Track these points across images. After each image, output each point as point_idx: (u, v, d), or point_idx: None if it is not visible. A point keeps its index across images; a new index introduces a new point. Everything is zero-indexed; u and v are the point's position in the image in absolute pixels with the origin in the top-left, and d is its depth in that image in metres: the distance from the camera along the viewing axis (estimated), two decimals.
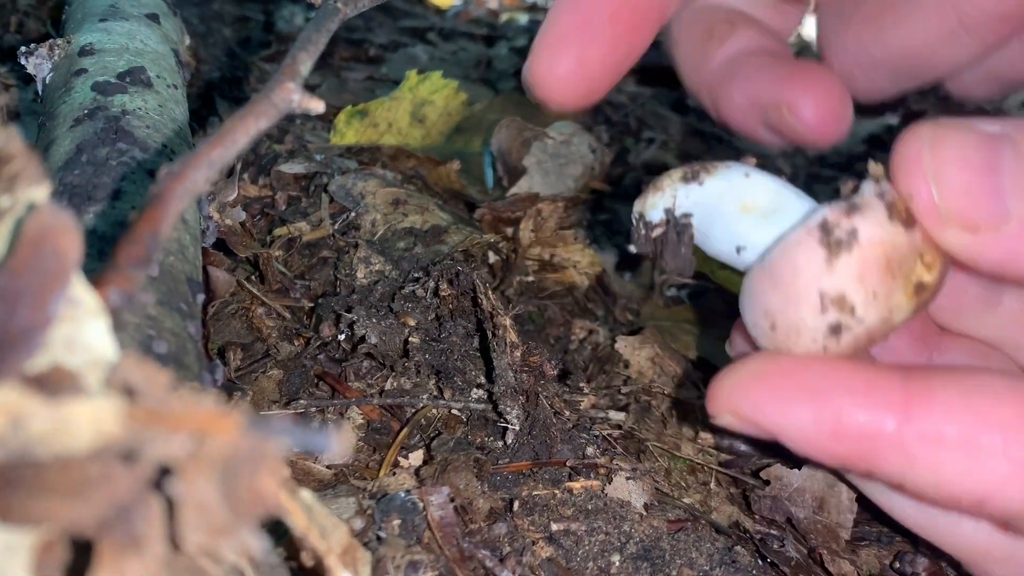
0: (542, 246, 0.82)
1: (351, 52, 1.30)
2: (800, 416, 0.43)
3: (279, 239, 0.73)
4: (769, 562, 0.55)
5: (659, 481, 0.59)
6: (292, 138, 0.91)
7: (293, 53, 0.47)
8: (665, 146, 1.24)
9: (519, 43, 1.55)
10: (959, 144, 0.42)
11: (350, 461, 0.56)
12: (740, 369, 0.46)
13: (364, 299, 0.61)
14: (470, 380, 0.58)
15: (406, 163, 0.88)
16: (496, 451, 0.56)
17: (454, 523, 0.49)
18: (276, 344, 0.64)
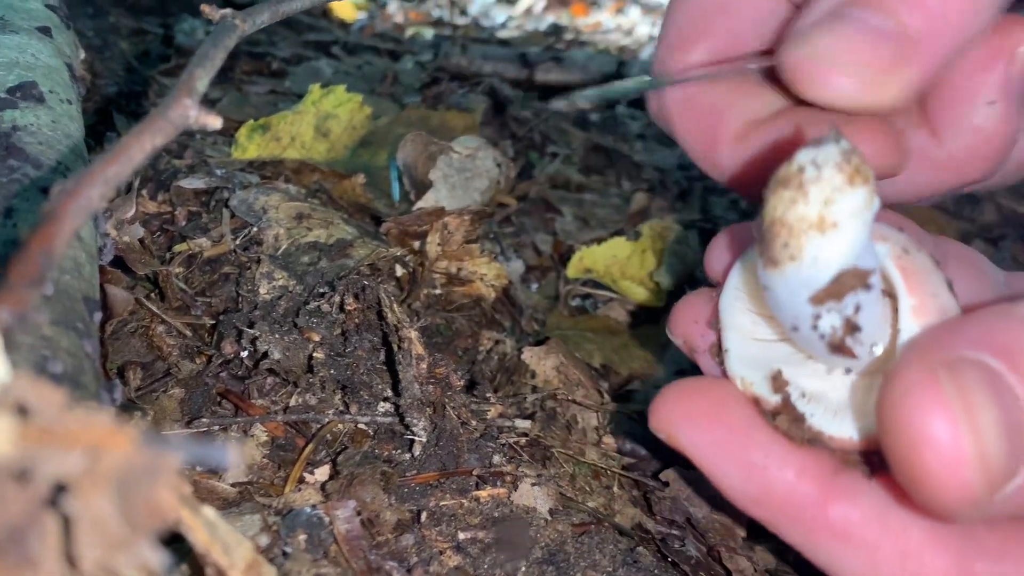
0: (449, 259, 0.83)
1: (253, 66, 1.29)
2: (731, 474, 0.46)
3: (179, 256, 0.72)
4: (670, 561, 0.57)
5: (564, 486, 0.61)
6: (192, 153, 0.90)
7: (190, 69, 0.47)
8: (568, 160, 1.27)
9: (424, 57, 1.56)
10: (988, 404, 0.37)
11: (255, 478, 0.55)
12: (690, 395, 0.48)
13: (267, 315, 0.60)
14: (376, 394, 0.58)
15: (310, 177, 0.88)
16: (403, 463, 0.56)
17: (361, 536, 0.49)
18: (177, 362, 0.63)
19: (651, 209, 1.15)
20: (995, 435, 0.37)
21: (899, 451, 0.38)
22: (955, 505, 0.38)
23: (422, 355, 0.56)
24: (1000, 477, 0.38)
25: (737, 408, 0.47)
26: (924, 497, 0.39)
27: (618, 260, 0.97)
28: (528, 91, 1.49)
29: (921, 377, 0.38)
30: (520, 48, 1.73)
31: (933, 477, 0.37)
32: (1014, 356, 0.38)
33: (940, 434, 0.37)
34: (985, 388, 0.38)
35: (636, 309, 0.94)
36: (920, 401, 0.37)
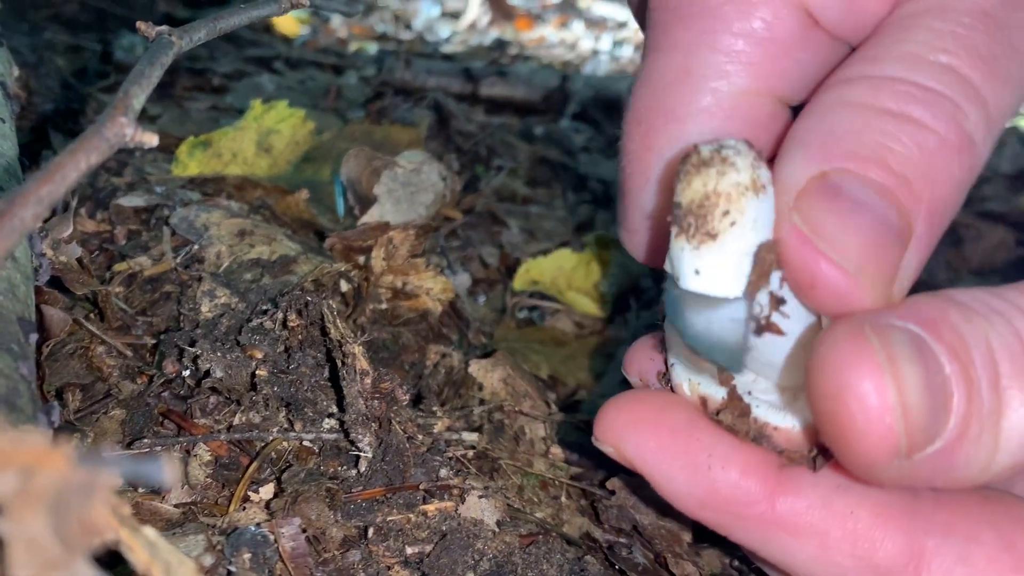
0: (395, 274, 0.83)
1: (194, 82, 1.27)
2: (676, 477, 0.46)
3: (119, 275, 0.71)
4: (618, 569, 0.58)
5: (511, 498, 0.61)
6: (132, 171, 0.89)
7: (125, 87, 0.46)
8: (514, 173, 1.27)
9: (368, 72, 1.56)
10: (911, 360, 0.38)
11: (198, 498, 0.55)
12: (633, 405, 0.49)
13: (209, 333, 0.60)
14: (321, 410, 0.58)
15: (252, 193, 0.87)
16: (349, 479, 0.56)
17: (306, 553, 0.49)
18: (118, 383, 0.62)
19: (596, 221, 1.16)
20: (918, 392, 0.38)
21: (825, 404, 0.39)
22: (877, 458, 0.39)
23: (366, 370, 0.56)
24: (920, 436, 0.39)
25: (678, 412, 0.48)
26: (847, 452, 0.40)
27: (564, 271, 0.97)
28: (473, 105, 1.50)
29: (848, 333, 0.39)
30: (464, 62, 1.74)
31: (857, 427, 0.38)
32: (939, 327, 0.39)
33: (864, 384, 0.38)
34: (910, 347, 0.39)
35: (582, 320, 0.95)
36: (846, 354, 0.38)
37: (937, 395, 0.39)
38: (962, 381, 0.39)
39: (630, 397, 0.50)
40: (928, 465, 0.40)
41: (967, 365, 0.39)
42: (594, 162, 1.39)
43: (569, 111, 1.55)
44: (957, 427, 0.39)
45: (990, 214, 1.34)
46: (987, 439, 0.40)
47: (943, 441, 0.39)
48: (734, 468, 0.45)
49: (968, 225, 1.27)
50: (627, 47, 2.38)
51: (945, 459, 0.40)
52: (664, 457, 0.47)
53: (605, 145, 1.48)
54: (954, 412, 0.39)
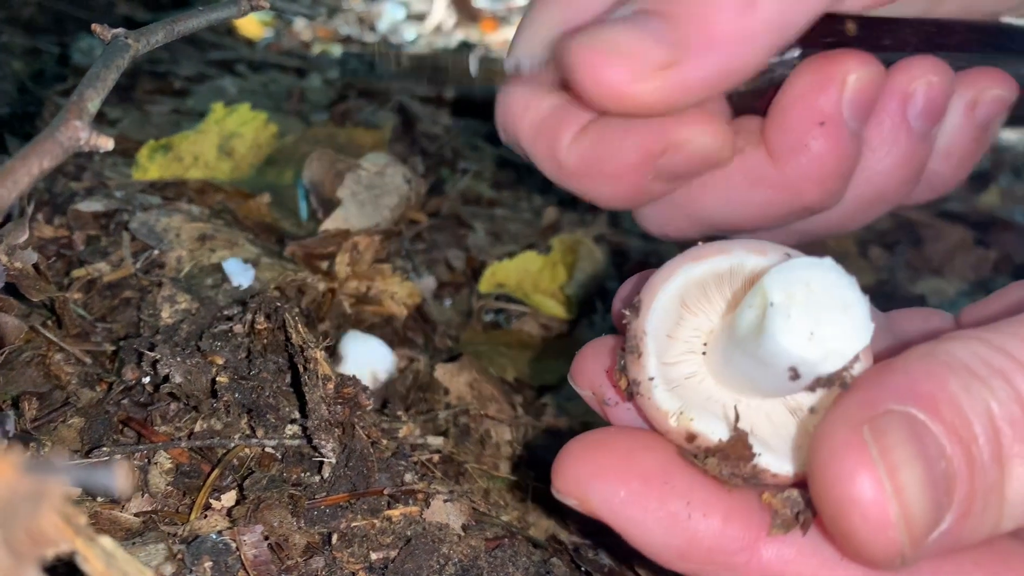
0: (359, 279, 0.82)
1: (155, 85, 1.26)
2: (653, 530, 0.43)
3: (77, 281, 0.70)
4: (584, 571, 0.58)
5: (477, 501, 0.61)
6: (90, 175, 0.87)
7: (80, 90, 0.45)
8: (480, 176, 1.27)
9: (332, 75, 1.55)
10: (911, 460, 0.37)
11: (159, 506, 0.54)
12: (596, 449, 0.44)
13: (169, 338, 0.59)
14: (283, 416, 0.58)
15: (214, 197, 0.86)
16: (313, 486, 0.55)
17: (269, 561, 0.49)
18: (76, 391, 0.61)
19: (562, 223, 1.16)
20: (918, 492, 0.37)
21: (829, 512, 0.38)
22: (882, 560, 0.38)
23: (329, 375, 0.55)
24: (924, 530, 0.38)
25: (649, 456, 0.44)
26: (854, 553, 0.40)
27: (530, 274, 0.97)
28: (438, 107, 1.50)
29: (847, 438, 0.38)
30: None
31: (860, 537, 0.38)
32: (938, 405, 0.38)
33: (864, 497, 0.37)
34: (908, 444, 0.38)
35: (548, 322, 0.95)
36: (845, 464, 0.38)
37: (940, 485, 0.38)
38: (964, 463, 0.38)
39: (591, 441, 0.45)
40: (934, 549, 0.39)
41: (969, 443, 0.38)
42: None
43: None
44: (960, 508, 0.38)
45: (950, 214, 1.36)
46: (991, 511, 0.39)
47: (947, 524, 0.38)
48: (716, 515, 0.43)
49: (928, 225, 1.29)
50: None
51: (951, 538, 0.39)
52: (637, 508, 0.43)
53: None
54: (957, 496, 0.38)
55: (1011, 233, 1.32)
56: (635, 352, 0.44)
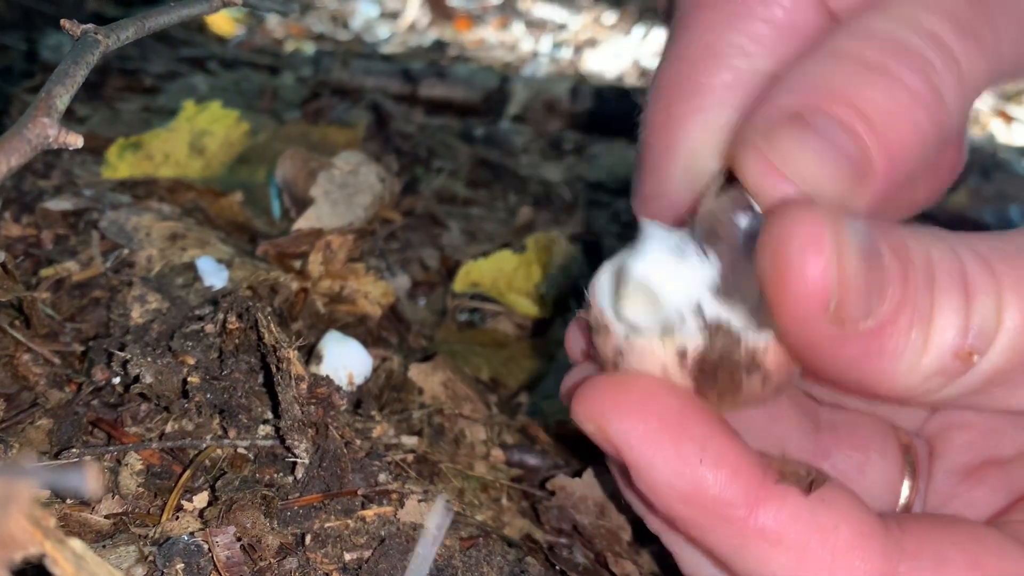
0: (332, 278, 0.82)
1: (125, 82, 1.25)
2: (662, 468, 0.44)
3: (46, 280, 0.69)
4: (559, 570, 0.58)
5: (451, 501, 0.61)
6: (59, 173, 0.86)
7: (48, 87, 0.45)
8: (454, 175, 1.27)
9: (305, 72, 1.54)
10: (855, 228, 0.40)
11: (130, 508, 0.53)
12: (621, 385, 0.46)
13: (139, 339, 0.58)
14: (256, 417, 0.57)
15: (185, 196, 0.85)
16: (286, 486, 0.55)
17: (242, 562, 0.48)
18: (45, 392, 0.61)
19: (536, 222, 1.16)
20: (856, 261, 0.40)
21: (771, 255, 0.40)
22: (809, 309, 0.40)
23: (302, 375, 0.55)
24: (853, 303, 0.40)
25: (670, 398, 0.45)
26: (784, 297, 0.40)
27: (504, 273, 0.97)
28: (412, 106, 1.49)
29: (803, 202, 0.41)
30: (403, 63, 1.73)
31: (794, 271, 0.39)
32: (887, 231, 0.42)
33: (809, 231, 0.39)
34: (857, 227, 0.40)
35: (523, 321, 0.95)
36: (797, 214, 0.40)
37: (875, 275, 0.40)
38: (898, 273, 0.41)
39: (614, 379, 0.47)
40: (860, 343, 0.41)
41: (905, 264, 0.41)
42: (534, 163, 1.39)
43: (509, 112, 1.55)
44: (889, 312, 0.41)
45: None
46: (917, 336, 0.42)
47: (875, 320, 0.41)
48: (726, 467, 0.44)
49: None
50: (567, 49, 2.39)
51: (876, 341, 0.41)
52: (651, 444, 0.44)
53: (546, 146, 1.48)
54: (889, 297, 0.41)
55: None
56: (603, 330, 0.47)
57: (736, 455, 0.45)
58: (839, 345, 0.41)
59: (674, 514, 0.46)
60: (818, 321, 0.40)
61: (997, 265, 0.43)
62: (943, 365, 0.42)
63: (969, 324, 0.42)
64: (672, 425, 0.45)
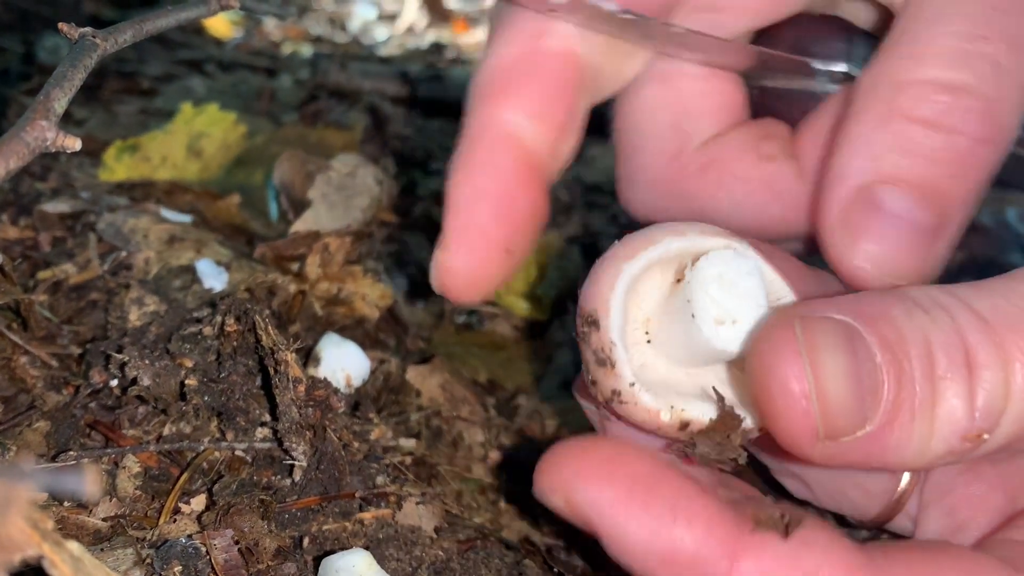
0: (330, 281, 0.82)
1: (122, 84, 1.24)
2: (637, 534, 0.42)
3: (43, 282, 0.69)
4: (557, 572, 0.58)
5: (449, 504, 0.61)
6: (57, 175, 0.86)
7: (46, 90, 0.45)
8: None
9: (302, 75, 1.54)
10: (834, 350, 0.41)
11: (127, 511, 0.53)
12: (583, 451, 0.44)
13: (137, 341, 0.58)
14: (254, 419, 0.57)
15: (182, 198, 0.85)
16: (283, 489, 0.55)
17: (240, 565, 0.48)
18: (42, 394, 0.61)
19: None
20: (838, 380, 0.40)
21: (755, 389, 0.42)
22: (799, 440, 0.42)
23: (299, 377, 0.55)
24: (844, 421, 0.41)
25: (636, 463, 0.44)
26: (777, 434, 0.42)
27: None
28: (410, 108, 1.49)
29: (779, 322, 0.42)
30: (401, 65, 1.73)
31: (780, 416, 0.41)
32: (875, 320, 0.42)
33: (783, 370, 0.40)
34: (836, 337, 0.41)
35: (521, 323, 0.95)
36: (773, 341, 0.41)
37: (864, 383, 0.41)
38: (892, 371, 0.41)
39: (579, 445, 0.45)
40: (860, 448, 0.42)
41: (900, 357, 0.41)
42: None
43: None
44: (886, 414, 0.41)
45: None
46: (920, 426, 0.42)
47: (873, 426, 0.41)
48: (700, 523, 0.43)
49: None
50: None
51: (877, 443, 0.42)
52: (623, 510, 0.43)
53: None
54: (883, 400, 0.41)
55: (977, 234, 1.34)
56: (607, 364, 0.44)
57: (708, 509, 0.43)
58: (842, 453, 0.42)
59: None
60: (812, 447, 0.42)
61: (1002, 332, 0.42)
62: (951, 448, 0.42)
63: (975, 407, 0.41)
64: (641, 488, 0.43)
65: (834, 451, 0.42)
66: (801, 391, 0.40)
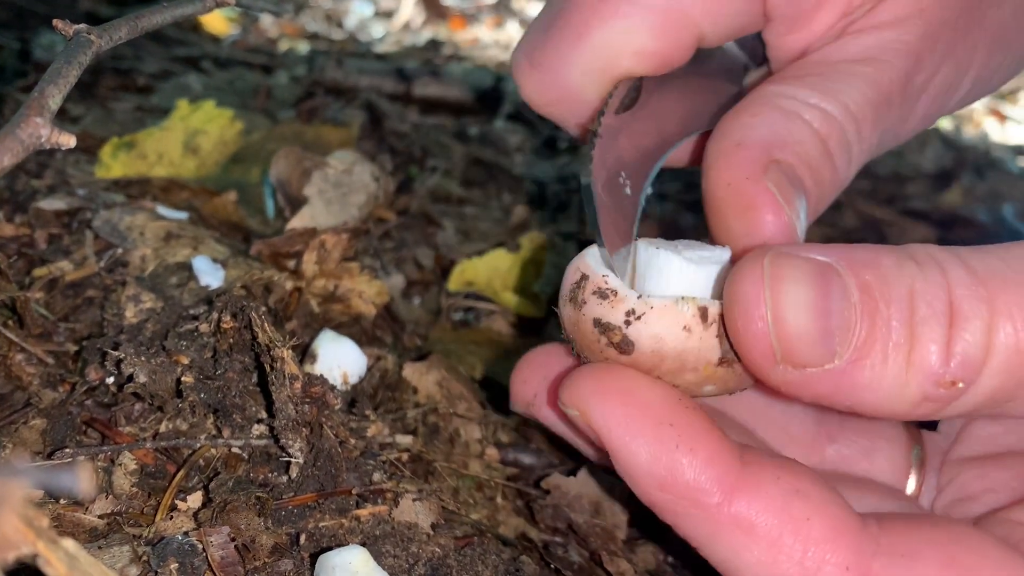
0: (327, 278, 0.82)
1: (118, 81, 1.24)
2: (639, 452, 0.45)
3: (39, 280, 0.69)
4: (554, 568, 0.58)
5: (446, 500, 0.61)
6: (52, 173, 0.86)
7: (41, 87, 0.45)
8: (448, 174, 1.27)
9: (299, 71, 1.54)
10: (798, 282, 0.44)
11: (123, 508, 0.53)
12: (605, 374, 0.47)
13: (133, 338, 0.58)
14: (250, 416, 0.57)
15: (179, 195, 0.85)
16: (280, 486, 0.55)
17: (236, 562, 0.48)
18: (38, 392, 0.60)
19: (531, 221, 1.16)
20: (798, 310, 0.43)
21: (726, 319, 0.45)
22: (758, 361, 0.44)
23: (296, 375, 0.55)
24: (806, 351, 0.43)
25: (650, 389, 0.47)
26: (740, 352, 0.45)
27: (499, 272, 0.97)
28: (406, 105, 1.49)
29: (750, 257, 0.45)
30: (398, 62, 1.73)
31: (738, 329, 0.44)
32: (860, 266, 0.44)
33: (744, 299, 0.44)
34: (802, 272, 0.44)
35: (518, 320, 0.95)
36: (744, 269, 0.45)
37: (832, 318, 0.43)
38: (867, 311, 0.43)
39: (599, 367, 0.48)
40: (828, 380, 0.44)
41: (877, 299, 0.43)
42: (529, 163, 1.39)
43: (503, 112, 1.55)
44: (856, 350, 0.43)
45: (913, 212, 1.38)
46: (894, 368, 0.43)
47: (842, 361, 0.43)
48: (701, 453, 0.45)
49: (892, 223, 1.31)
50: None
51: (847, 378, 0.44)
52: (631, 429, 0.46)
53: (540, 145, 1.48)
54: (854, 336, 0.43)
55: (973, 231, 1.34)
56: (609, 295, 0.47)
57: (713, 443, 0.45)
58: (809, 383, 0.44)
59: (652, 500, 0.46)
60: (772, 369, 0.44)
61: (992, 289, 0.43)
62: (926, 392, 0.43)
63: (951, 353, 0.43)
64: (652, 411, 0.46)
65: (798, 379, 0.44)
66: (759, 314, 0.43)
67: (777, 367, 0.44)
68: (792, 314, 0.43)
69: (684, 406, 0.47)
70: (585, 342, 0.49)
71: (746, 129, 0.52)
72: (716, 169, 0.52)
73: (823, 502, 0.45)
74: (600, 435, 0.47)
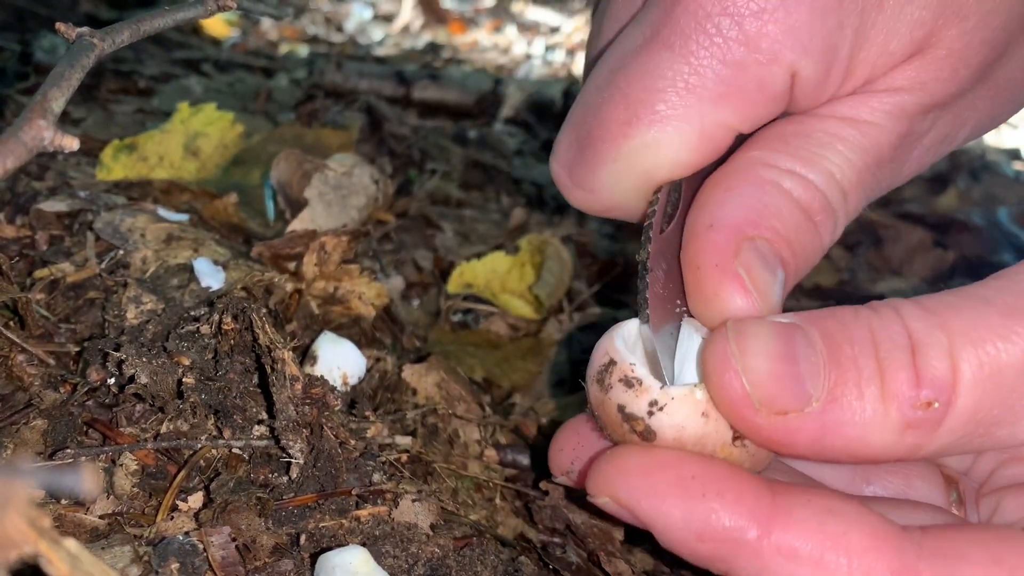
0: (327, 280, 0.82)
1: (119, 84, 1.25)
2: (672, 513, 0.46)
3: (40, 281, 0.69)
4: (552, 569, 0.58)
5: (446, 501, 0.61)
6: (54, 175, 0.87)
7: (44, 90, 0.45)
8: (448, 177, 1.27)
9: (299, 74, 1.54)
10: (760, 336, 0.46)
11: (125, 508, 0.53)
12: (623, 456, 0.49)
13: (134, 339, 0.59)
14: (251, 417, 0.57)
15: (180, 197, 0.85)
16: (280, 486, 0.55)
17: (237, 562, 0.49)
18: (39, 392, 0.61)
19: (529, 223, 1.17)
20: (766, 359, 0.46)
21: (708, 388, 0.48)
22: (740, 413, 0.46)
23: (296, 376, 0.55)
24: (782, 395, 0.45)
25: (664, 454, 0.48)
26: (728, 415, 0.47)
27: (498, 274, 0.98)
28: (406, 108, 1.50)
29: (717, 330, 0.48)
30: (397, 65, 1.74)
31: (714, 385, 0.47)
32: (821, 319, 0.47)
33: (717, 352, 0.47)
34: (764, 328, 0.47)
35: (516, 322, 0.95)
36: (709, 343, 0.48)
37: (800, 364, 0.45)
38: (831, 353, 0.46)
39: (616, 451, 0.50)
40: (814, 423, 0.45)
41: (840, 342, 0.46)
42: (527, 165, 1.40)
43: (502, 115, 1.55)
44: (830, 391, 0.45)
45: (909, 215, 1.38)
46: (872, 398, 0.45)
47: (819, 400, 0.45)
48: (728, 494, 0.46)
49: (888, 226, 1.31)
50: (559, 52, 2.40)
51: (830, 416, 0.45)
52: (658, 494, 0.47)
53: (538, 148, 1.49)
54: (825, 376, 0.45)
55: (968, 234, 1.34)
56: (635, 384, 0.49)
57: (738, 481, 0.46)
58: (796, 428, 0.46)
59: (699, 555, 0.47)
60: (757, 415, 0.46)
61: (944, 316, 0.45)
62: (906, 417, 0.45)
63: (920, 377, 0.45)
64: (671, 471, 0.47)
65: (784, 426, 0.46)
66: (730, 368, 0.46)
67: (759, 413, 0.46)
68: (760, 362, 0.46)
69: (699, 457, 0.48)
70: (611, 425, 0.50)
71: (719, 207, 0.52)
72: (687, 252, 0.52)
73: (857, 515, 0.46)
74: (634, 512, 0.48)
